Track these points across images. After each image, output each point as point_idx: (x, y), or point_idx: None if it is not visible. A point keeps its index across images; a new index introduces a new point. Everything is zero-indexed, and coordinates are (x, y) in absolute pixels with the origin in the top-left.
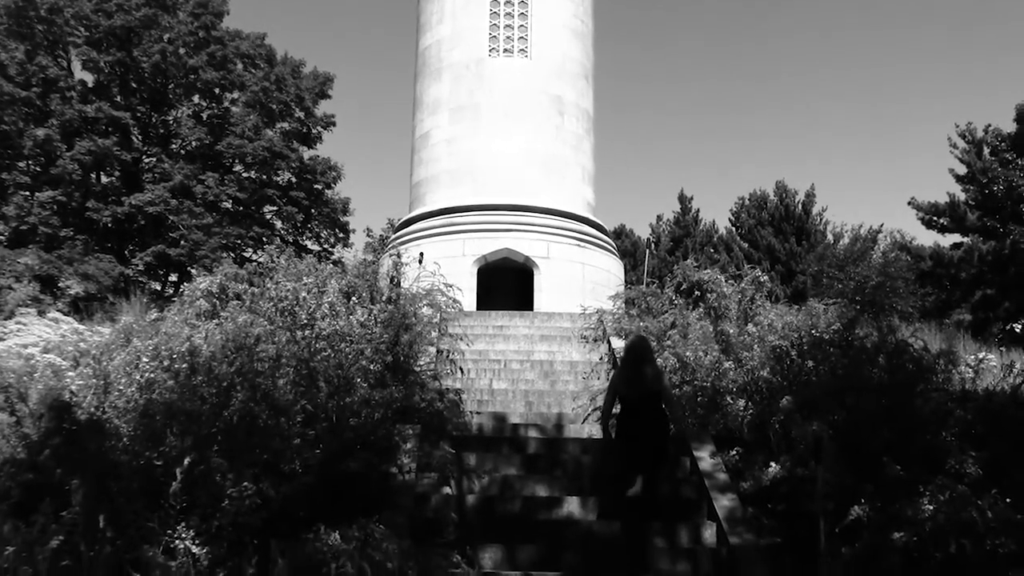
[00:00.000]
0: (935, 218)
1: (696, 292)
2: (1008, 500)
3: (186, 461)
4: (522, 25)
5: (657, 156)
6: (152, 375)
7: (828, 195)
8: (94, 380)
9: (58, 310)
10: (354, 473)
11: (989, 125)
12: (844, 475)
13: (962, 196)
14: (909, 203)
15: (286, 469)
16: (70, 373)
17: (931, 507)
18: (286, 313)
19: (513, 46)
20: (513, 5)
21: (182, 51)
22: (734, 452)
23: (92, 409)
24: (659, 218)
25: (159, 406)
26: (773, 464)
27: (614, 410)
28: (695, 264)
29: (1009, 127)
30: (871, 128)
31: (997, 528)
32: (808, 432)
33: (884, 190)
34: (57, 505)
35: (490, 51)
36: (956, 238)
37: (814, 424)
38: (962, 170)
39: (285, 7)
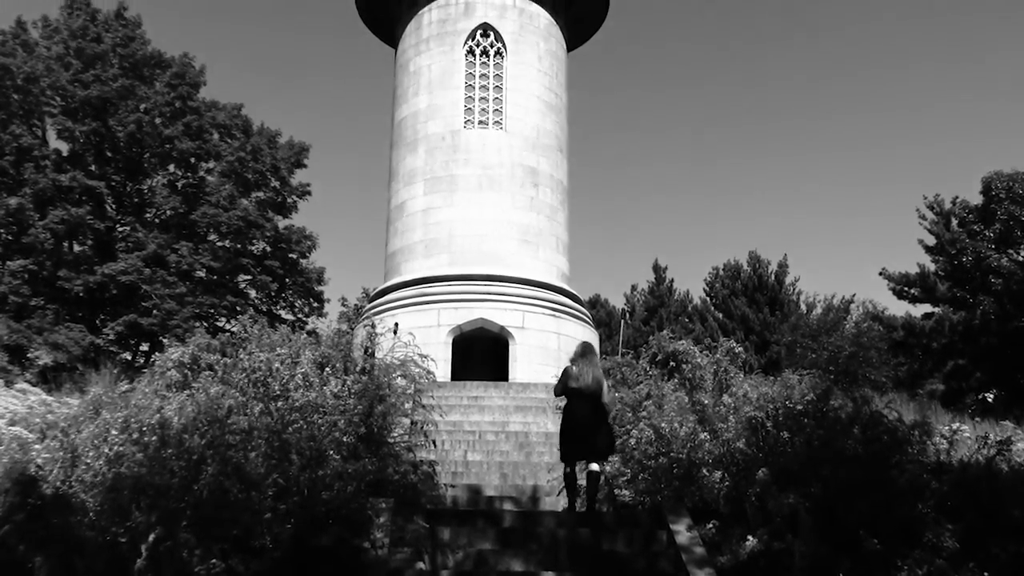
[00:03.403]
0: (906, 288)
1: (671, 363)
2: (986, 573)
3: (151, 537)
4: (497, 98)
5: (632, 225)
6: (121, 448)
7: (800, 265)
8: (61, 453)
9: (26, 380)
10: (326, 548)
11: (957, 197)
12: (821, 548)
13: (932, 267)
14: (880, 273)
15: (256, 544)
16: (36, 446)
17: None
18: (259, 384)
19: (488, 118)
20: (488, 78)
21: (158, 121)
22: (711, 525)
23: (58, 483)
24: (634, 288)
25: (127, 480)
26: (750, 537)
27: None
28: (670, 335)
29: (976, 199)
30: (842, 199)
31: None
32: (784, 505)
33: (855, 260)
34: None
35: (465, 123)
36: (927, 308)
37: (790, 496)
38: (931, 241)
39: (262, 77)
